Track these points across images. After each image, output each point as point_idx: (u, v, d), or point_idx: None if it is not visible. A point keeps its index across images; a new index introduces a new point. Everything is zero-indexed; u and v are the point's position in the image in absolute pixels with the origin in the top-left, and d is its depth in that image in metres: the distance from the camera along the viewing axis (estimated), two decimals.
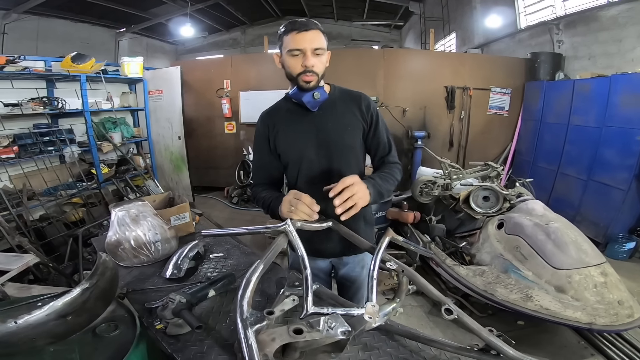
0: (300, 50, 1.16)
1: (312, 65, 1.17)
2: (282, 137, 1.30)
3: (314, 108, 1.26)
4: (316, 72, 1.19)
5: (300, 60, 1.17)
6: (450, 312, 0.84)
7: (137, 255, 1.46)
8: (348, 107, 1.32)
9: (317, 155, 1.28)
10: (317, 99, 1.22)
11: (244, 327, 0.58)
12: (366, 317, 0.74)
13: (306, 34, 1.15)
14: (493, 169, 3.07)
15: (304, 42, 1.15)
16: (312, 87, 1.21)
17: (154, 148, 5.23)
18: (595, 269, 2.16)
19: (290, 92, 1.27)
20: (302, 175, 1.31)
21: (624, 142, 3.50)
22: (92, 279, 0.97)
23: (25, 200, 3.23)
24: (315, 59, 1.17)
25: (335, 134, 1.28)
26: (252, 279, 0.68)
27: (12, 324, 0.82)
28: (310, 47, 1.16)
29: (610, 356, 2.12)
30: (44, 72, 3.67)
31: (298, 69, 1.18)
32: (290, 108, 1.31)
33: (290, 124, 1.30)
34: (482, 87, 5.26)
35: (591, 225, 3.80)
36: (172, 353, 0.94)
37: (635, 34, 3.91)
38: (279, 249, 0.87)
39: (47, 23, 7.16)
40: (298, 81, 1.20)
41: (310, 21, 1.18)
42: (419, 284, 0.87)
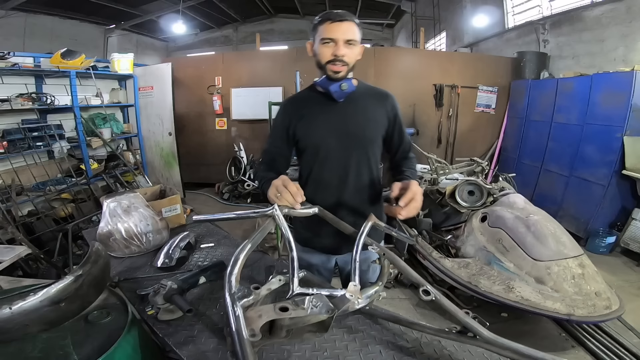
0: (332, 40, 1.17)
1: (343, 55, 1.18)
2: (303, 123, 1.30)
3: (339, 98, 1.27)
4: (346, 62, 1.20)
5: (332, 49, 1.18)
6: (428, 293, 0.86)
7: (129, 246, 1.50)
8: (373, 103, 1.33)
9: (336, 144, 1.29)
10: (344, 90, 1.23)
11: (232, 301, 0.63)
12: (348, 295, 0.79)
13: (341, 24, 1.16)
14: (478, 164, 3.16)
15: (338, 32, 1.16)
16: (341, 77, 1.22)
17: (144, 144, 5.22)
18: (573, 260, 2.21)
19: (319, 80, 1.28)
20: (318, 162, 1.32)
21: (604, 139, 3.60)
22: (84, 267, 1.00)
23: (14, 196, 3.22)
24: (346, 49, 1.18)
25: (357, 126, 1.30)
26: (240, 256, 0.72)
27: (6, 310, 0.83)
28: (343, 38, 1.16)
29: (590, 348, 2.18)
30: (33, 68, 3.65)
31: (328, 57, 1.19)
32: (315, 97, 1.32)
33: (314, 112, 1.30)
34: (469, 86, 5.37)
35: (573, 220, 3.91)
36: (164, 337, 0.97)
37: (617, 34, 4.02)
38: (266, 231, 0.91)
39: (35, 20, 7.04)
40: (327, 70, 1.21)
41: (346, 13, 1.19)
42: (399, 266, 0.92)
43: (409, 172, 1.33)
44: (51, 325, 0.93)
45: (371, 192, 1.37)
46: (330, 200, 1.31)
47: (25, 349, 0.90)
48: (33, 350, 0.90)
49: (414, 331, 0.96)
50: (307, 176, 1.35)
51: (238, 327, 0.58)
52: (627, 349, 2.16)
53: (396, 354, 0.88)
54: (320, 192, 1.31)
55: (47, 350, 0.90)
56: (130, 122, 5.13)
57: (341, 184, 1.31)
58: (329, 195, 1.31)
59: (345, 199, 1.32)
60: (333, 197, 1.32)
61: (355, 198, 1.34)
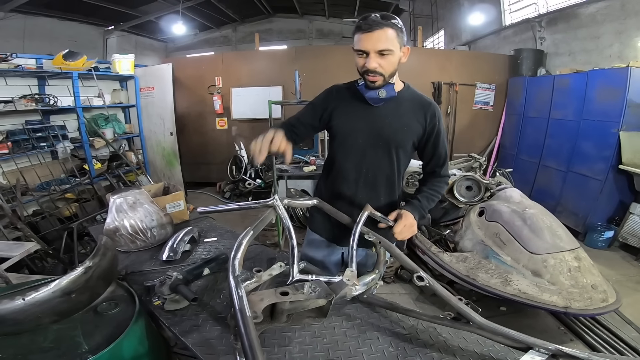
0: (364, 52, 1.16)
1: (375, 67, 1.16)
2: (342, 112, 1.33)
3: (375, 104, 1.28)
4: (380, 73, 1.18)
5: (364, 61, 1.17)
6: (422, 279, 0.90)
7: (134, 241, 1.54)
8: (412, 110, 1.32)
9: (363, 140, 1.32)
10: (382, 97, 1.24)
11: (235, 283, 0.67)
12: (345, 279, 0.83)
13: (371, 35, 1.13)
14: (475, 160, 3.20)
15: (368, 43, 1.14)
16: (378, 86, 1.22)
17: (146, 144, 5.26)
18: (569, 253, 2.23)
19: (360, 84, 1.28)
20: (343, 152, 1.36)
21: (600, 134, 3.64)
22: (94, 259, 1.05)
23: (19, 196, 3.26)
24: (380, 59, 1.16)
25: (389, 129, 1.30)
26: (243, 242, 0.77)
27: (20, 301, 0.88)
28: (374, 49, 1.14)
29: (589, 342, 2.20)
30: (36, 70, 3.69)
31: (361, 69, 1.20)
32: (356, 94, 1.31)
33: (352, 109, 1.32)
34: (467, 83, 5.41)
35: (571, 215, 3.95)
36: (170, 326, 1.02)
37: (612, 31, 4.05)
38: (267, 220, 0.96)
39: (34, 21, 7.05)
40: (365, 78, 1.22)
41: (376, 21, 1.13)
42: (394, 253, 0.97)
43: (422, 196, 1.36)
44: (62, 316, 0.98)
45: (387, 194, 1.39)
46: (347, 192, 1.37)
47: (37, 340, 0.93)
48: (45, 340, 0.93)
49: (411, 318, 0.99)
50: (333, 164, 1.40)
51: (241, 306, 0.62)
52: (626, 343, 2.18)
53: (393, 340, 0.91)
54: (340, 181, 1.37)
55: (58, 341, 0.93)
56: (131, 122, 5.17)
57: (358, 178, 1.35)
58: (346, 187, 1.37)
59: (360, 195, 1.37)
60: (350, 190, 1.37)
61: (370, 196, 1.36)
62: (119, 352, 0.92)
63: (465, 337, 0.92)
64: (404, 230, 1.20)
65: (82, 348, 0.90)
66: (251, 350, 0.50)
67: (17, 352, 0.89)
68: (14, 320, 0.90)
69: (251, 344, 0.51)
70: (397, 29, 1.16)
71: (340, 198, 1.37)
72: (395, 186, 1.40)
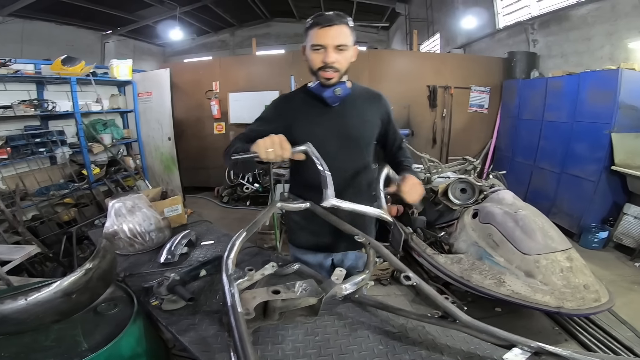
0: (321, 46, 1.16)
1: (333, 61, 1.16)
2: (302, 125, 1.28)
3: (334, 103, 1.27)
4: (337, 68, 1.19)
5: (322, 56, 1.17)
6: (409, 278, 0.92)
7: (133, 244, 1.58)
8: (368, 104, 1.35)
9: (337, 146, 1.30)
10: (338, 95, 1.23)
11: (229, 281, 0.71)
12: (334, 278, 0.86)
13: (329, 29, 1.14)
14: (470, 162, 3.25)
15: (327, 37, 1.14)
16: (333, 83, 1.21)
17: (144, 149, 5.29)
18: (561, 254, 2.25)
19: (312, 85, 1.28)
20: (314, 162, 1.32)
21: (593, 136, 3.67)
22: (94, 261, 1.08)
23: (19, 200, 3.28)
24: (337, 54, 1.17)
25: (355, 129, 1.32)
26: (236, 242, 0.80)
27: (22, 301, 0.91)
28: (332, 44, 1.15)
29: (583, 342, 2.22)
30: (34, 75, 3.73)
31: (318, 64, 1.19)
32: (309, 100, 1.30)
33: (310, 116, 1.30)
34: (462, 86, 5.46)
35: (566, 216, 3.98)
36: (167, 326, 1.05)
37: (603, 33, 4.09)
38: (260, 222, 0.99)
39: (32, 26, 7.10)
40: (318, 76, 1.22)
41: (335, 16, 1.16)
42: (383, 254, 1.00)
43: (406, 162, 1.40)
44: (63, 316, 1.01)
45: (367, 192, 1.41)
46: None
47: (39, 339, 0.96)
48: (46, 339, 0.96)
49: (400, 317, 1.01)
50: (306, 178, 1.34)
51: (233, 303, 0.65)
52: (620, 342, 2.19)
53: (383, 339, 0.94)
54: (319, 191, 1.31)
55: (59, 340, 0.96)
56: (130, 127, 5.20)
57: (341, 185, 1.31)
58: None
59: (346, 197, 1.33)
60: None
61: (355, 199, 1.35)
62: (118, 350, 0.96)
63: (453, 335, 0.94)
64: (411, 190, 1.20)
65: (82, 347, 0.93)
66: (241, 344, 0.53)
67: (19, 350, 0.92)
68: (17, 319, 0.93)
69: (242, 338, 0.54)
70: (350, 27, 1.19)
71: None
72: (371, 184, 1.41)
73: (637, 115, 3.48)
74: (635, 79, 3.43)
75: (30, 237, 2.57)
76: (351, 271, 1.45)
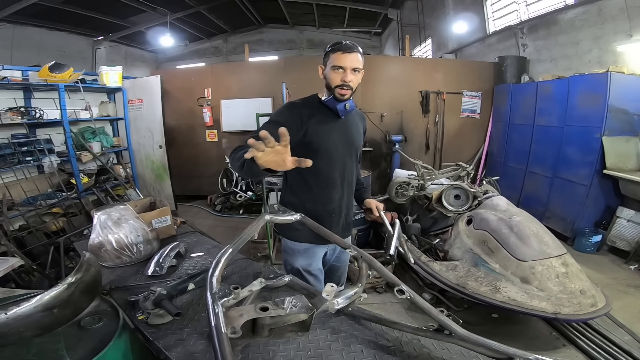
0: (342, 68, 1.37)
1: (350, 80, 1.38)
2: (318, 128, 1.46)
3: (342, 116, 1.49)
4: (351, 87, 1.41)
5: (341, 76, 1.38)
6: (403, 292, 0.90)
7: (120, 256, 1.53)
8: (359, 120, 1.64)
9: (342, 150, 1.53)
10: (347, 109, 1.46)
11: (213, 300, 0.67)
12: (324, 294, 0.83)
13: (350, 55, 1.37)
14: (463, 168, 3.25)
15: (347, 61, 1.37)
16: (346, 99, 1.43)
17: (135, 157, 5.22)
18: (557, 259, 2.25)
19: (326, 99, 1.47)
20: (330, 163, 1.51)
21: (584, 140, 3.70)
22: (76, 275, 1.05)
23: (5, 210, 3.20)
24: (352, 75, 1.39)
25: (356, 139, 1.59)
26: (221, 259, 0.77)
27: (1, 316, 0.89)
28: (351, 66, 1.37)
29: (581, 347, 2.20)
30: (21, 82, 3.65)
31: (337, 82, 1.39)
32: (322, 109, 1.49)
33: (325, 123, 1.49)
34: (454, 91, 5.49)
35: (559, 220, 3.99)
36: (154, 340, 1.01)
37: (590, 37, 4.14)
38: (248, 236, 0.96)
39: (22, 31, 7.01)
40: (334, 92, 1.42)
41: (354, 45, 1.40)
42: (376, 267, 0.97)
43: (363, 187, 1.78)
44: (45, 330, 0.98)
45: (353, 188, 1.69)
46: (336, 196, 1.56)
47: (20, 353, 0.94)
48: (28, 353, 0.94)
49: (395, 330, 0.99)
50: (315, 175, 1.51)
51: (217, 323, 0.62)
52: (618, 346, 2.18)
53: (377, 353, 0.91)
54: (330, 187, 1.54)
55: (41, 354, 0.94)
56: (120, 135, 5.13)
57: (343, 182, 1.57)
58: (335, 192, 1.56)
59: (345, 196, 1.61)
60: (338, 194, 1.57)
61: (349, 194, 1.65)
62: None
63: (449, 348, 0.92)
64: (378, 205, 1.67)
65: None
66: None
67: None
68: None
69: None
70: (362, 55, 1.42)
71: (330, 203, 1.55)
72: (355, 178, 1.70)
73: (627, 118, 3.51)
74: (624, 82, 3.47)
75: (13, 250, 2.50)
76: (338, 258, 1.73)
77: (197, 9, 8.75)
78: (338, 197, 1.57)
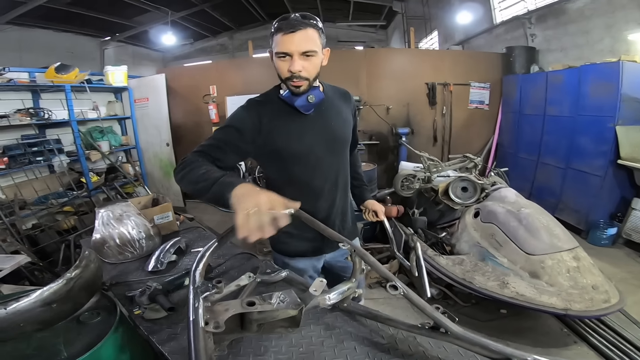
0: (286, 54, 1.08)
1: (299, 70, 1.09)
2: (282, 132, 1.18)
3: (307, 111, 1.19)
4: (305, 77, 1.11)
5: (288, 64, 1.09)
6: (396, 288, 0.87)
7: (122, 252, 1.55)
8: (341, 103, 1.33)
9: (325, 150, 1.25)
10: (311, 102, 1.17)
11: (194, 294, 0.67)
12: (311, 290, 0.81)
13: (294, 35, 1.05)
14: (470, 160, 3.18)
15: (291, 44, 1.06)
16: (303, 91, 1.14)
17: (143, 155, 5.29)
18: (568, 253, 2.19)
19: (284, 94, 1.18)
20: (307, 170, 1.26)
21: (597, 129, 3.59)
22: (75, 270, 1.06)
23: (17, 210, 3.29)
24: (304, 62, 1.09)
25: (339, 131, 1.29)
26: (205, 254, 0.76)
27: (1, 311, 0.90)
28: (298, 51, 1.06)
29: (593, 343, 2.14)
30: (28, 83, 3.72)
31: (285, 73, 1.11)
32: (284, 107, 1.21)
33: (292, 121, 1.20)
34: (461, 83, 5.37)
35: (573, 213, 3.90)
36: (148, 335, 1.02)
37: (601, 25, 4.02)
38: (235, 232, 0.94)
39: (30, 33, 7.09)
40: (288, 85, 1.14)
41: (298, 20, 1.06)
42: (370, 262, 0.95)
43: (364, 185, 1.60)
44: (45, 325, 1.00)
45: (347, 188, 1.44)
46: (324, 205, 1.31)
47: (20, 347, 0.97)
48: (27, 348, 0.97)
49: (391, 328, 0.96)
50: (290, 184, 1.26)
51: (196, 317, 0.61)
52: (632, 343, 2.11)
53: (370, 350, 0.89)
54: (312, 199, 1.28)
55: (40, 348, 0.97)
56: (128, 134, 5.20)
57: (333, 188, 1.32)
58: (322, 201, 1.31)
59: (337, 202, 1.35)
60: (327, 202, 1.32)
61: (343, 199, 1.38)
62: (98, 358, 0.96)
63: (446, 347, 0.89)
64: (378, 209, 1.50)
65: (62, 355, 0.94)
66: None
67: (1, 358, 0.94)
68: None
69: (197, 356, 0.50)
70: (318, 29, 1.11)
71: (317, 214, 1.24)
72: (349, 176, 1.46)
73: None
74: (637, 71, 3.36)
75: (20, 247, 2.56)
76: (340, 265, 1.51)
77: (201, 7, 8.75)
78: (327, 205, 1.32)
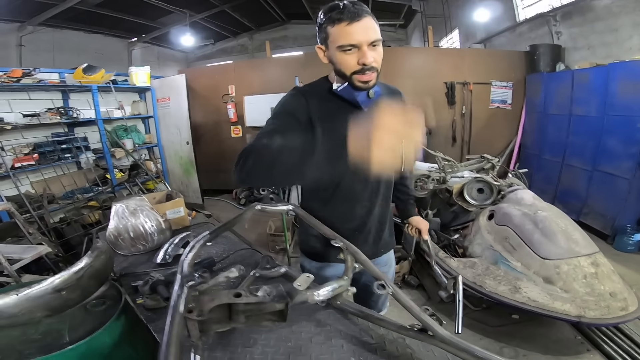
0: (354, 46, 0.96)
1: (372, 61, 0.97)
2: (330, 128, 1.02)
3: (365, 108, 1.07)
4: (376, 68, 0.99)
5: (356, 57, 0.97)
6: (384, 287, 0.87)
7: (135, 244, 1.62)
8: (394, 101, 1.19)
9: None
10: (371, 98, 1.05)
11: (180, 282, 0.70)
12: (295, 284, 0.81)
13: (359, 23, 0.93)
14: (488, 161, 3.10)
15: (358, 34, 0.94)
16: (372, 85, 1.03)
17: (165, 153, 5.47)
18: (586, 259, 2.10)
19: (339, 88, 1.06)
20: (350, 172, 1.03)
21: (626, 130, 3.43)
22: (86, 260, 1.12)
23: (46, 204, 3.48)
24: (373, 52, 0.97)
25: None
26: (196, 245, 0.79)
27: (13, 296, 0.96)
28: (367, 40, 0.95)
29: (607, 352, 2.07)
30: (58, 84, 3.93)
31: (353, 67, 0.98)
32: (335, 100, 1.09)
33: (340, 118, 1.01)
34: (482, 82, 5.24)
35: (599, 217, 3.74)
36: (147, 323, 1.07)
37: (630, 23, 3.85)
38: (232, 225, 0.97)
39: (62, 34, 7.38)
40: (352, 80, 1.02)
41: (359, 6, 0.95)
42: (360, 259, 0.95)
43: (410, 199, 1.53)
44: (54, 311, 1.05)
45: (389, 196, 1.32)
46: (362, 211, 1.22)
47: (28, 332, 1.04)
48: (35, 333, 1.03)
49: (382, 328, 0.95)
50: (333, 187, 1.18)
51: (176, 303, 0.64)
52: None
53: (357, 350, 0.88)
54: (351, 201, 1.20)
55: (46, 333, 1.03)
56: (151, 132, 5.40)
57: (373, 195, 1.22)
58: (360, 206, 1.22)
59: (375, 209, 1.24)
60: (364, 209, 1.23)
61: (384, 206, 1.27)
62: (98, 344, 1.02)
63: (434, 351, 0.86)
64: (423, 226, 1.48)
65: (64, 340, 1.00)
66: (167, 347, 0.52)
67: (8, 342, 1.00)
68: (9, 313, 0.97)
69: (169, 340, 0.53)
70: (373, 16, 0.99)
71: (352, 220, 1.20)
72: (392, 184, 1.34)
73: None
74: None
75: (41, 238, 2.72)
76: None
77: (221, 7, 8.91)
78: (364, 212, 1.22)
